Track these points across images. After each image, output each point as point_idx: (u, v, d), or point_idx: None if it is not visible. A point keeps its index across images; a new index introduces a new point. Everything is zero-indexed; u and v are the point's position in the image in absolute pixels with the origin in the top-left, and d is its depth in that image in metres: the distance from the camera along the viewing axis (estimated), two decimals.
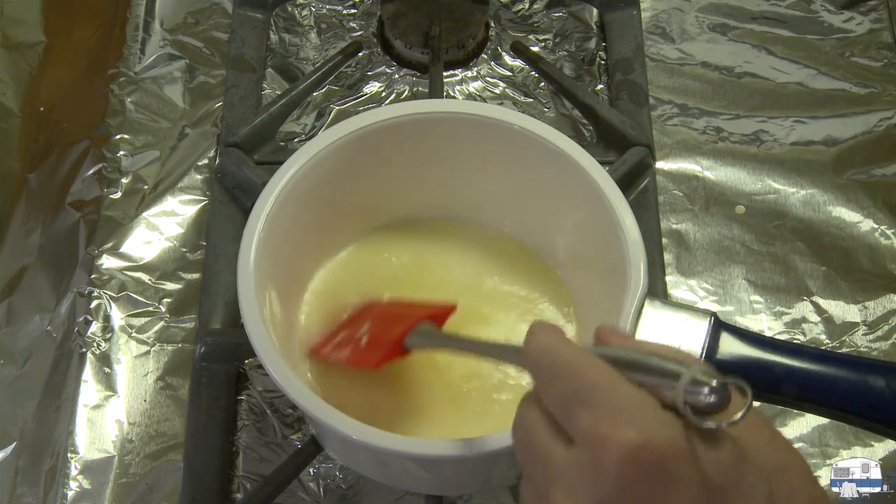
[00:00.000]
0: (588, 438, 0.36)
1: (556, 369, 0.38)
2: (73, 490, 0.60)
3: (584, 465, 0.36)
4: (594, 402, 0.36)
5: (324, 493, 0.60)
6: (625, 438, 0.34)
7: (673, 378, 0.35)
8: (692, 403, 0.35)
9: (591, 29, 0.78)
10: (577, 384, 0.37)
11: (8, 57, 0.77)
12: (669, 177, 0.71)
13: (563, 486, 0.36)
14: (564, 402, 0.37)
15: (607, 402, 0.36)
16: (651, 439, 0.34)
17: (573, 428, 0.37)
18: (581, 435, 0.36)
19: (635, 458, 0.34)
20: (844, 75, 0.75)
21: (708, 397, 0.34)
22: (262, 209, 0.54)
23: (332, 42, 0.77)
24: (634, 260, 0.52)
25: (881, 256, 0.68)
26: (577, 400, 0.37)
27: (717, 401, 0.34)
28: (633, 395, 0.36)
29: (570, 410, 0.37)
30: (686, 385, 0.35)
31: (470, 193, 0.62)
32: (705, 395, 0.34)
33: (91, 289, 0.66)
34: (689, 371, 0.35)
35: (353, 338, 0.55)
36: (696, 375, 0.35)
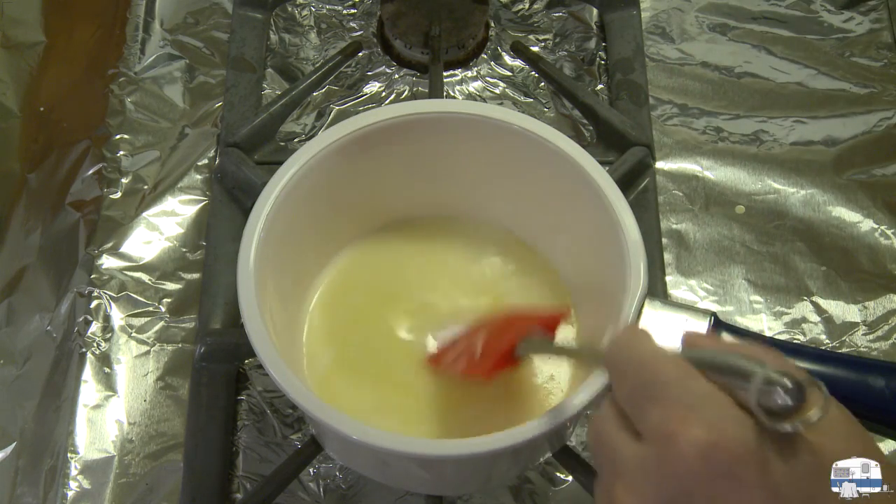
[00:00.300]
0: (656, 434, 0.35)
1: (630, 364, 0.38)
2: (73, 490, 0.60)
3: (650, 462, 0.35)
4: (665, 398, 0.35)
5: (324, 493, 0.60)
6: (694, 436, 0.34)
7: (748, 377, 0.34)
8: (766, 405, 0.34)
9: (591, 29, 0.78)
10: (649, 379, 0.36)
11: (8, 57, 0.77)
12: (669, 177, 0.71)
13: (627, 482, 0.36)
14: (635, 397, 0.37)
15: (678, 398, 0.35)
16: (721, 439, 0.33)
17: (642, 423, 0.36)
18: (650, 430, 0.35)
19: (704, 457, 0.33)
20: (844, 75, 0.75)
21: (782, 398, 0.33)
22: (262, 209, 0.54)
23: (332, 42, 0.77)
24: (634, 260, 0.52)
25: (881, 256, 0.68)
26: (648, 395, 0.36)
27: (791, 402, 0.33)
28: (706, 392, 0.35)
29: (641, 405, 0.36)
30: (759, 384, 0.34)
31: (470, 193, 0.62)
32: (779, 396, 0.33)
33: (91, 289, 0.66)
34: (762, 370, 0.34)
35: (470, 349, 0.54)
36: (769, 375, 0.34)
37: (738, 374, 0.35)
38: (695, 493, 0.34)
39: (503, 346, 0.51)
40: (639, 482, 0.35)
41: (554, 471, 0.60)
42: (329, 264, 0.62)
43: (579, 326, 0.60)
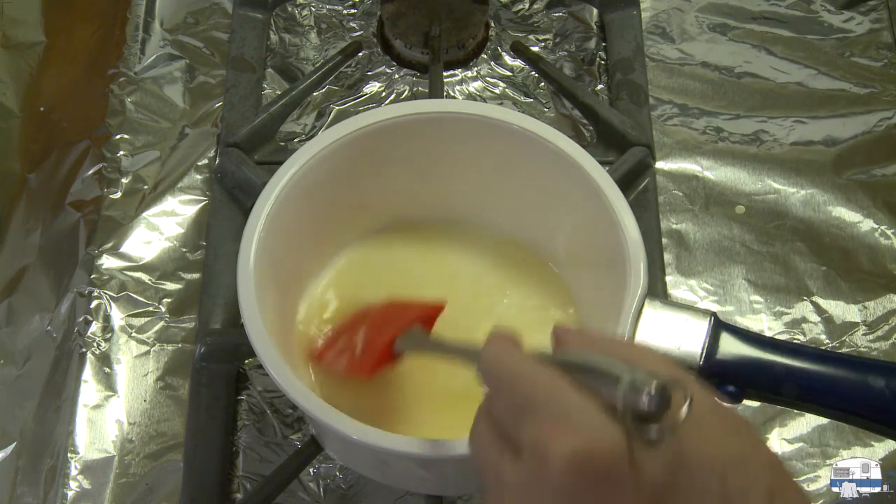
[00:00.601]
0: (531, 450, 0.35)
1: (502, 381, 0.38)
2: (73, 490, 0.60)
3: (529, 477, 0.35)
4: (536, 411, 0.35)
5: (324, 493, 0.60)
6: (565, 446, 0.34)
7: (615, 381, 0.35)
8: (633, 408, 0.34)
9: (591, 29, 0.78)
10: (521, 394, 0.36)
11: (8, 57, 0.77)
12: (669, 177, 0.71)
13: (511, 498, 0.36)
14: (509, 414, 0.37)
15: (549, 411, 0.35)
16: (592, 446, 0.34)
17: (518, 440, 0.36)
18: (525, 447, 0.36)
19: (576, 467, 0.34)
20: (844, 75, 0.75)
21: (648, 402, 0.34)
22: (262, 209, 0.54)
23: (332, 42, 0.77)
24: (634, 260, 0.52)
25: (881, 256, 0.68)
26: (521, 411, 0.36)
27: (655, 406, 0.34)
28: (576, 402, 0.35)
29: (516, 422, 0.36)
30: (625, 389, 0.34)
31: (470, 193, 0.62)
32: (645, 400, 0.34)
33: (91, 289, 0.66)
34: (629, 374, 0.34)
35: (350, 345, 0.55)
36: (634, 379, 0.34)
37: (606, 377, 0.35)
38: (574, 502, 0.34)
39: (382, 342, 0.52)
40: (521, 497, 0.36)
41: None
42: (329, 264, 0.62)
43: (580, 326, 0.60)
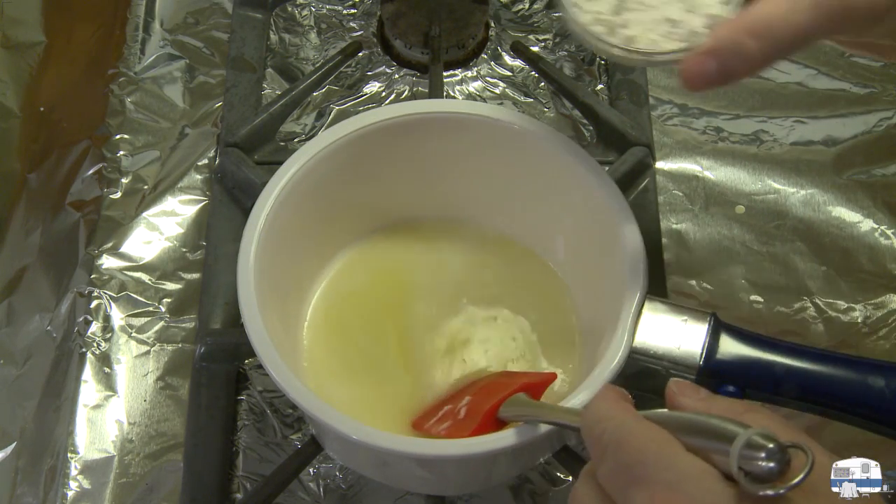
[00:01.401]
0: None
1: (607, 442, 0.36)
2: (73, 490, 0.60)
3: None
4: (647, 479, 0.34)
5: (324, 493, 0.60)
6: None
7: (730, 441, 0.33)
8: (749, 470, 0.33)
9: None
10: (629, 459, 0.35)
11: (8, 57, 0.77)
12: (669, 177, 0.71)
13: None
14: (617, 479, 0.35)
15: (660, 479, 0.34)
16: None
17: None
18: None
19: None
20: (844, 75, 0.75)
21: (765, 462, 0.32)
22: (262, 209, 0.54)
23: (332, 42, 0.77)
24: (634, 260, 0.52)
25: (881, 256, 0.68)
26: (630, 476, 0.35)
27: (775, 466, 0.32)
28: (690, 468, 0.34)
29: (623, 489, 0.35)
30: (741, 448, 0.33)
31: (470, 193, 0.62)
32: (762, 461, 0.32)
33: (91, 289, 0.66)
34: (743, 434, 0.33)
35: (454, 411, 0.54)
36: (752, 438, 0.33)
37: (721, 437, 0.34)
38: None
39: (486, 408, 0.51)
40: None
41: (554, 471, 0.60)
42: (329, 264, 0.62)
43: (580, 326, 0.60)
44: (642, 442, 0.35)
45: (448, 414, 0.54)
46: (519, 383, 0.52)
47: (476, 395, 0.54)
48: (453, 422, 0.53)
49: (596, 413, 0.38)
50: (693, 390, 0.39)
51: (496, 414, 0.50)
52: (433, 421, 0.54)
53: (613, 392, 0.39)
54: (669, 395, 0.39)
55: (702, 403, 0.38)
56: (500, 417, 0.51)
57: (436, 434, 0.53)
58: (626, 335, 0.50)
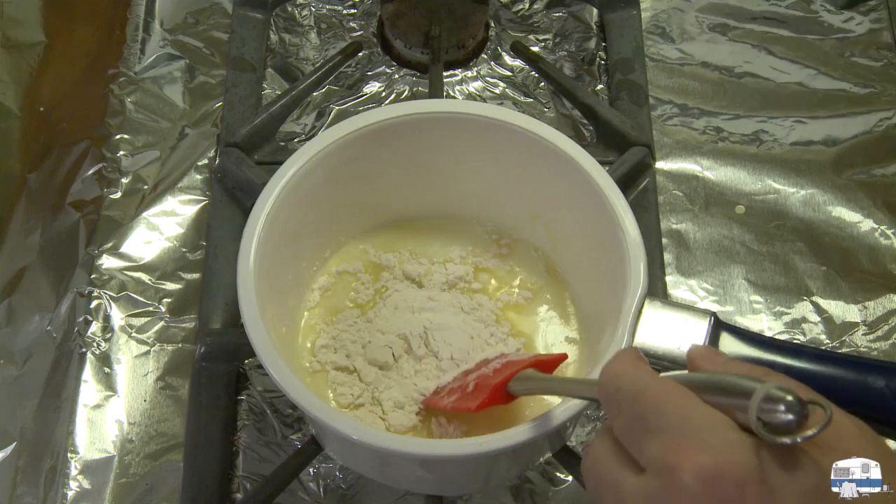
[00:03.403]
0: (658, 466, 0.34)
1: (623, 396, 0.36)
2: (73, 490, 0.60)
3: (655, 495, 0.34)
4: (663, 428, 0.34)
5: (324, 493, 0.60)
6: (696, 464, 0.33)
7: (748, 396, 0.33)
8: (767, 422, 0.33)
9: (591, 29, 0.78)
10: (644, 410, 0.35)
11: (8, 57, 0.77)
12: (669, 177, 0.71)
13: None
14: (633, 430, 0.36)
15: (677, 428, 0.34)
16: (725, 464, 0.33)
17: (643, 456, 0.35)
18: (651, 462, 0.34)
19: (709, 485, 0.32)
20: (844, 75, 0.75)
21: (784, 414, 0.33)
22: (262, 209, 0.54)
23: (332, 42, 0.77)
24: (634, 260, 0.52)
25: (881, 256, 0.68)
26: (645, 427, 0.35)
27: (793, 418, 0.32)
28: (707, 418, 0.34)
29: (639, 439, 0.35)
30: (759, 401, 0.33)
31: (470, 193, 0.62)
32: (781, 413, 0.33)
33: (91, 289, 0.66)
34: (763, 386, 0.33)
35: (464, 386, 0.54)
36: (770, 391, 0.33)
37: (739, 393, 0.34)
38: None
39: (495, 382, 0.51)
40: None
41: (554, 471, 0.60)
42: (328, 263, 0.62)
43: (580, 326, 0.60)
44: (658, 394, 0.35)
45: (457, 389, 0.54)
46: (529, 360, 0.52)
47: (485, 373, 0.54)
48: (461, 395, 0.53)
49: (612, 370, 0.38)
50: (714, 354, 0.40)
51: (506, 388, 0.50)
52: (442, 395, 0.55)
53: (630, 352, 0.39)
54: (690, 359, 0.39)
55: (722, 366, 0.39)
56: (510, 392, 0.51)
57: (443, 407, 0.54)
58: (626, 335, 0.50)
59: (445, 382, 0.56)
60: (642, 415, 0.35)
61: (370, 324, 0.59)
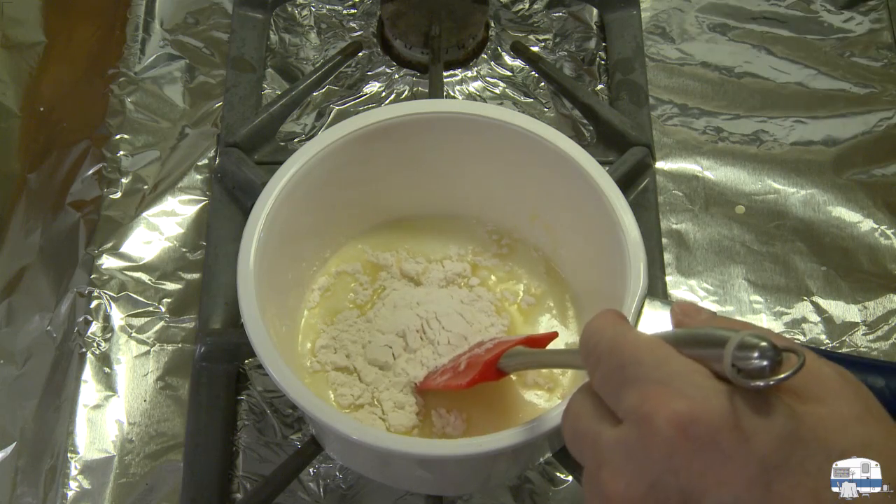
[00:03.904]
0: (634, 416, 0.34)
1: (601, 349, 0.37)
2: (73, 490, 0.60)
3: (632, 444, 0.35)
4: (640, 378, 0.35)
5: (324, 493, 0.60)
6: (671, 411, 0.33)
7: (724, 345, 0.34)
8: (742, 368, 0.33)
9: (591, 29, 0.78)
10: (622, 361, 0.36)
11: (8, 57, 0.77)
12: (669, 177, 0.71)
13: (612, 467, 0.35)
14: (610, 382, 0.36)
15: (652, 377, 0.35)
16: (700, 410, 0.33)
17: (619, 407, 0.35)
18: (627, 413, 0.35)
19: (683, 431, 0.33)
20: (844, 75, 0.75)
21: (758, 360, 0.33)
22: (262, 209, 0.54)
23: (332, 42, 0.77)
24: (634, 260, 0.52)
25: (881, 256, 0.68)
26: (623, 378, 0.35)
27: (767, 364, 0.33)
28: (682, 366, 0.34)
29: (617, 389, 0.36)
30: (734, 348, 0.34)
31: (470, 192, 0.62)
32: (755, 359, 0.33)
33: (91, 289, 0.66)
34: (737, 334, 0.34)
35: (455, 366, 0.54)
36: (744, 338, 0.34)
37: (716, 343, 0.35)
38: (680, 469, 0.33)
39: (486, 359, 0.51)
40: (623, 465, 0.35)
41: (554, 471, 0.60)
42: (329, 263, 0.62)
43: (580, 326, 0.60)
44: (634, 345, 0.36)
45: (449, 369, 0.55)
46: (519, 338, 0.52)
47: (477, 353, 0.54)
48: (453, 374, 0.54)
49: (592, 326, 0.39)
50: (695, 310, 0.40)
51: (496, 365, 0.51)
52: (435, 376, 0.55)
53: (611, 311, 0.40)
54: (674, 315, 0.40)
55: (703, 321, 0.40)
56: (501, 368, 0.51)
57: (435, 387, 0.54)
58: None
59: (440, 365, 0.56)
60: (620, 365, 0.36)
61: (370, 324, 0.59)
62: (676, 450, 0.33)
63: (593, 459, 0.37)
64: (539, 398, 0.57)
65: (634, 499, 0.35)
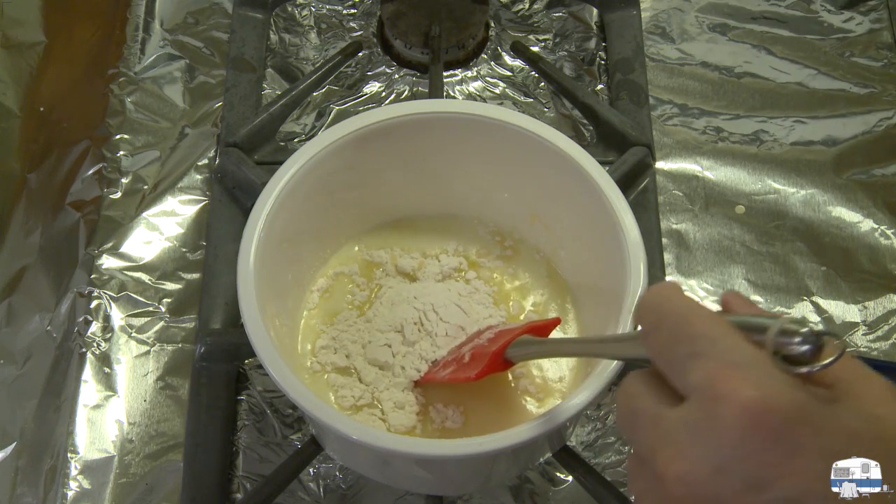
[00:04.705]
0: (703, 394, 0.34)
1: (665, 314, 0.36)
2: (73, 490, 0.60)
3: (699, 424, 0.34)
4: (709, 354, 0.34)
5: (324, 493, 0.60)
6: (746, 397, 0.32)
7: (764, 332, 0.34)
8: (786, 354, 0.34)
9: (591, 29, 0.78)
10: (694, 331, 0.35)
11: (8, 57, 0.77)
12: (669, 177, 0.71)
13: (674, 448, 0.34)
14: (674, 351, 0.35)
15: (723, 356, 0.34)
16: (773, 400, 0.33)
17: (683, 380, 0.35)
18: (695, 389, 0.34)
19: (757, 421, 0.32)
20: (844, 75, 0.75)
21: (799, 346, 0.34)
22: (262, 209, 0.54)
23: (332, 42, 0.77)
24: (634, 260, 0.52)
25: (881, 256, 0.68)
26: (690, 350, 0.35)
27: (809, 349, 0.34)
28: (749, 351, 0.34)
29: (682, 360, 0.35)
30: (776, 334, 0.34)
31: (469, 193, 0.62)
32: (797, 344, 0.34)
33: (91, 289, 0.66)
34: (779, 320, 0.34)
35: (458, 358, 0.54)
36: (785, 325, 0.34)
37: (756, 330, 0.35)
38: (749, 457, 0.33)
39: (493, 350, 0.51)
40: (688, 447, 0.34)
41: (554, 471, 0.60)
42: (329, 263, 0.62)
43: (580, 326, 0.60)
44: (710, 320, 0.35)
45: (452, 362, 0.54)
46: (524, 327, 0.52)
47: (480, 342, 0.54)
48: (458, 366, 0.53)
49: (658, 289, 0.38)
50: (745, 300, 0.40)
51: (503, 355, 0.51)
52: (437, 369, 0.55)
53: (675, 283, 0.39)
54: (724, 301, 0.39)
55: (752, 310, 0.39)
56: (508, 358, 0.51)
57: (440, 380, 0.54)
58: None
59: (439, 357, 0.56)
60: (691, 335, 0.35)
61: (369, 323, 0.59)
62: (747, 437, 0.33)
63: (651, 440, 0.35)
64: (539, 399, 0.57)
65: (697, 482, 0.34)
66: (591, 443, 0.61)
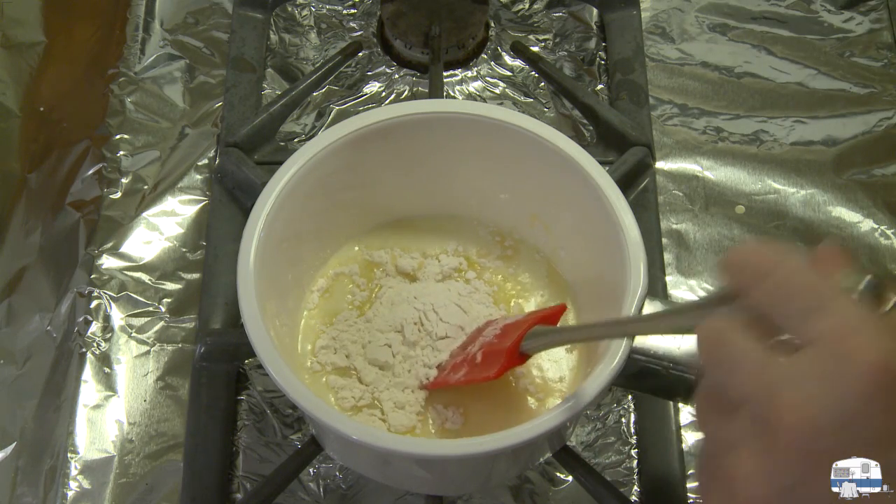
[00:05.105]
0: (829, 347, 0.33)
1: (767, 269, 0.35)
2: (73, 490, 0.60)
3: (827, 375, 0.33)
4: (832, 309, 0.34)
5: (324, 493, 0.60)
6: (874, 356, 0.32)
7: None
8: None
9: (591, 29, 0.78)
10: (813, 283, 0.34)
11: (8, 57, 0.77)
12: (669, 177, 0.71)
13: (800, 393, 0.33)
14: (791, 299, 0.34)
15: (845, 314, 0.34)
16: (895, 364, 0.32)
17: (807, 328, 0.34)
18: (820, 337, 0.33)
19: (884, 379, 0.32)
20: (844, 75, 0.75)
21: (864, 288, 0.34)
22: (262, 209, 0.54)
23: (332, 42, 0.77)
24: (634, 260, 0.52)
25: (881, 256, 0.68)
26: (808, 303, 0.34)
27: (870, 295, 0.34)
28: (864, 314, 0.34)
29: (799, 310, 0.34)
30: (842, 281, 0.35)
31: (469, 193, 0.62)
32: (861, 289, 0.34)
33: (91, 289, 0.66)
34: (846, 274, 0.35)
35: (468, 357, 0.54)
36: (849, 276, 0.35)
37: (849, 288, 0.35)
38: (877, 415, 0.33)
39: (506, 346, 0.51)
40: (816, 393, 0.33)
41: (554, 471, 0.60)
42: (329, 263, 0.62)
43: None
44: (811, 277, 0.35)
45: (462, 363, 0.54)
46: (532, 318, 0.52)
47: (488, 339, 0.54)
48: (471, 367, 0.53)
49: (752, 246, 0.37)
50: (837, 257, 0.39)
51: (518, 349, 0.51)
52: (447, 372, 0.54)
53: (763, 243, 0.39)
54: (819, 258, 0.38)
55: None
56: (524, 351, 0.51)
57: (455, 383, 0.53)
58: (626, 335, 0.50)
59: (444, 360, 0.56)
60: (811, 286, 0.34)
61: (369, 324, 0.59)
62: (875, 395, 0.32)
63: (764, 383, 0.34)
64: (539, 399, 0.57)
65: (823, 429, 0.33)
66: (591, 443, 0.61)
